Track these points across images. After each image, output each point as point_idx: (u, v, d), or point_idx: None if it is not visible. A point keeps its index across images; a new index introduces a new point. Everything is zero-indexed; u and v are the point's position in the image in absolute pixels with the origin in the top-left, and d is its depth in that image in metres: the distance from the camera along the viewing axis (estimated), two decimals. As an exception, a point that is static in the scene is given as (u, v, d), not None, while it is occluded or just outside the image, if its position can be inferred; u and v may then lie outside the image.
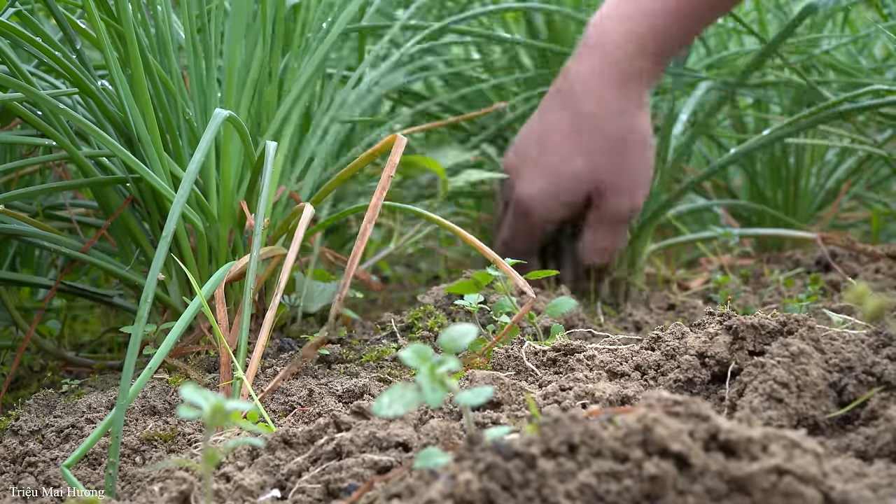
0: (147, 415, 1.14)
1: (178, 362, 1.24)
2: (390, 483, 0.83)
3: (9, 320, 1.40)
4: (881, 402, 0.91)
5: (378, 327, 1.38)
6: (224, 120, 1.13)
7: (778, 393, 0.91)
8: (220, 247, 1.29)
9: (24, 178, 1.50)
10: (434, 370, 0.74)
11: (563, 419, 0.73)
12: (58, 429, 1.12)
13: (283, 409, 1.12)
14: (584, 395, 1.01)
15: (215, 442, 0.99)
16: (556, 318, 1.34)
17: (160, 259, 1.00)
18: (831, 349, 0.98)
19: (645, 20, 1.57)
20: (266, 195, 1.17)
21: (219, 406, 0.75)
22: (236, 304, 1.30)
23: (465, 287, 1.25)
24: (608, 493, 0.70)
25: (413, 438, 0.90)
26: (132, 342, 0.96)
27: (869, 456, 0.86)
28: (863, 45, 2.18)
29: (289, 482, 0.89)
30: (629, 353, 1.13)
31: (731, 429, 0.72)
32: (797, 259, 1.82)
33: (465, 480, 0.70)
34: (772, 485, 0.70)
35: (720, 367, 1.02)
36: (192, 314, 1.08)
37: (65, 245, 1.30)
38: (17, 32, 1.18)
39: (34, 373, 1.46)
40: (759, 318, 1.02)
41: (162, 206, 1.29)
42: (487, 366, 1.15)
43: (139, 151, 1.25)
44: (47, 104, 1.18)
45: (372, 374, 1.21)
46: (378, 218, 1.63)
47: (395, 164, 1.19)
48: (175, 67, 1.30)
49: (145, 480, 0.98)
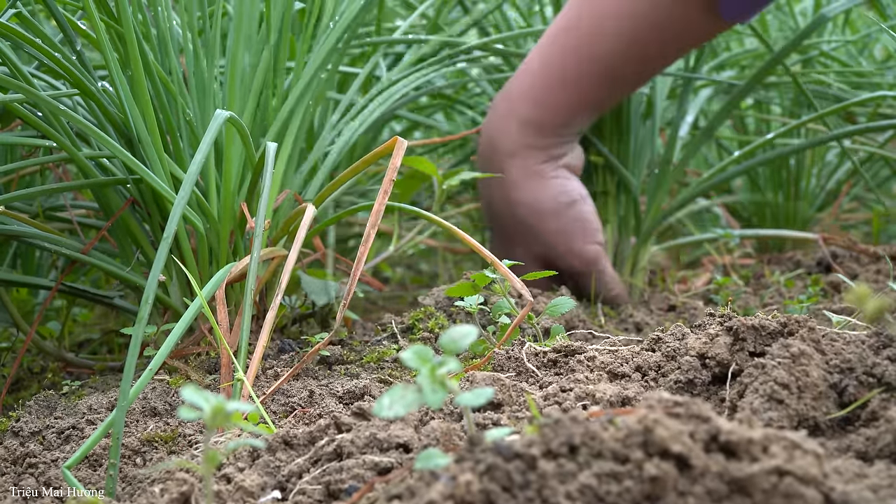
0: (148, 416, 1.14)
1: (179, 363, 1.24)
2: (391, 484, 0.83)
3: (9, 321, 1.40)
4: (882, 403, 0.91)
5: (379, 328, 1.38)
6: (225, 121, 1.13)
7: (778, 394, 0.91)
8: (220, 248, 1.29)
9: (24, 179, 1.50)
10: (435, 371, 0.74)
11: (564, 420, 0.73)
12: (58, 430, 1.12)
13: (284, 410, 1.12)
14: (585, 397, 1.01)
15: (216, 443, 0.99)
16: (557, 319, 1.34)
17: (161, 260, 1.00)
18: (832, 350, 0.98)
19: (521, 103, 1.57)
20: (266, 196, 1.17)
21: (219, 407, 0.75)
22: (237, 305, 1.31)
23: (463, 289, 1.25)
24: (609, 494, 0.70)
25: (414, 439, 0.90)
26: (133, 343, 0.96)
27: (869, 457, 0.86)
28: (863, 46, 2.18)
29: (289, 483, 0.89)
30: (630, 354, 1.13)
31: (732, 430, 0.72)
32: (798, 260, 1.82)
33: (465, 481, 0.70)
34: (772, 486, 0.70)
35: (721, 369, 1.02)
36: (192, 315, 1.08)
37: (65, 246, 1.30)
38: (17, 34, 1.18)
39: (34, 374, 1.46)
40: (759, 320, 1.02)
41: (162, 207, 1.29)
42: (488, 367, 1.15)
43: (139, 152, 1.25)
44: (48, 105, 1.18)
45: (373, 376, 1.21)
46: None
47: (397, 167, 1.19)
48: (176, 68, 1.31)
49: (146, 482, 0.98)
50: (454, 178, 1.55)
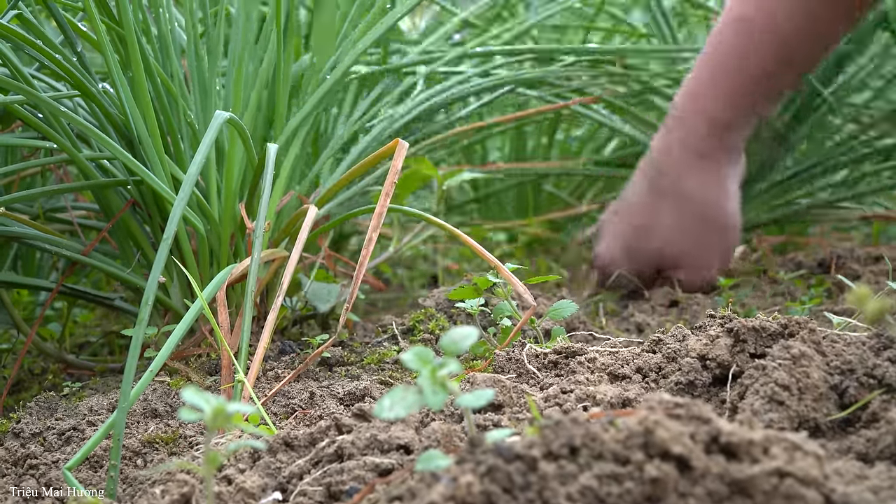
0: (148, 417, 1.14)
1: (180, 365, 1.24)
2: (392, 485, 0.83)
3: (10, 323, 1.40)
4: (882, 404, 0.91)
5: (379, 330, 1.38)
6: (226, 122, 1.13)
7: (779, 395, 0.91)
8: (221, 249, 1.29)
9: (24, 181, 1.50)
10: (435, 373, 0.74)
11: (565, 422, 0.73)
12: (59, 431, 1.12)
13: (285, 411, 1.12)
14: (586, 398, 1.01)
15: (217, 444, 0.99)
16: (558, 321, 1.34)
17: (161, 262, 1.00)
18: (832, 351, 0.98)
19: (710, 101, 1.56)
20: (267, 197, 1.17)
21: (220, 409, 0.75)
22: (238, 306, 1.31)
23: (465, 292, 1.25)
24: (609, 495, 0.70)
25: (414, 441, 0.90)
26: (133, 345, 0.96)
27: (870, 458, 0.86)
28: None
29: (290, 485, 0.89)
30: (630, 355, 1.13)
31: (733, 431, 0.72)
32: (799, 261, 1.82)
33: (466, 483, 0.70)
34: (773, 487, 0.70)
35: (721, 370, 1.02)
36: (193, 317, 1.08)
37: (66, 247, 1.30)
38: (18, 35, 1.18)
39: (35, 375, 1.46)
40: (760, 321, 1.02)
41: (163, 208, 1.29)
42: (489, 368, 1.15)
43: (140, 154, 1.25)
44: (48, 107, 1.18)
45: (373, 377, 1.21)
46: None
47: (398, 169, 1.19)
48: (176, 69, 1.31)
49: (147, 483, 0.98)
50: (454, 178, 1.55)
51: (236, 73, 1.33)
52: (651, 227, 1.62)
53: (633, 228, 1.63)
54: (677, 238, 1.61)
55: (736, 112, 1.57)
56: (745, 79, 1.55)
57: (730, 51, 1.55)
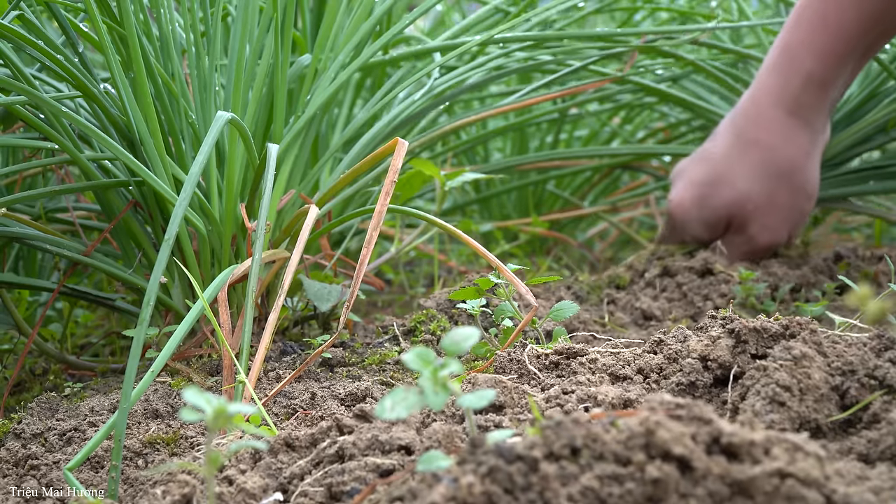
0: (150, 418, 1.14)
1: (181, 365, 1.24)
2: (393, 486, 0.83)
3: (11, 324, 1.40)
4: (883, 405, 0.91)
5: (380, 330, 1.38)
6: (227, 123, 1.13)
7: (780, 396, 0.91)
8: (222, 250, 1.29)
9: (26, 181, 1.50)
10: (437, 373, 0.74)
11: (566, 422, 0.73)
12: (60, 432, 1.12)
13: (286, 412, 1.12)
14: (587, 399, 1.01)
15: (218, 445, 0.99)
16: (559, 322, 1.34)
17: (162, 262, 1.00)
18: (833, 352, 0.98)
19: (808, 57, 1.52)
20: (268, 198, 1.17)
21: (221, 409, 0.75)
22: (239, 307, 1.31)
23: (467, 293, 1.25)
24: (610, 496, 0.70)
25: (416, 441, 0.90)
26: (134, 345, 0.96)
27: (871, 459, 0.86)
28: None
29: (291, 485, 0.89)
30: (631, 356, 1.13)
31: (734, 432, 0.72)
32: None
33: (467, 483, 0.70)
34: (774, 488, 0.70)
35: (722, 371, 1.02)
36: (194, 317, 1.08)
37: (67, 248, 1.30)
38: (19, 36, 1.18)
39: (36, 376, 1.46)
40: (761, 322, 1.02)
41: (164, 209, 1.29)
42: (490, 369, 1.15)
43: (141, 154, 1.25)
44: (50, 107, 1.19)
45: (374, 378, 1.21)
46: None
47: (398, 168, 1.19)
48: (178, 70, 1.31)
49: (148, 484, 0.98)
50: (456, 178, 1.55)
51: (236, 73, 1.33)
52: (727, 176, 1.57)
53: (708, 176, 1.58)
54: (753, 192, 1.56)
55: (832, 70, 1.52)
56: (845, 34, 1.51)
57: (827, 5, 1.51)
